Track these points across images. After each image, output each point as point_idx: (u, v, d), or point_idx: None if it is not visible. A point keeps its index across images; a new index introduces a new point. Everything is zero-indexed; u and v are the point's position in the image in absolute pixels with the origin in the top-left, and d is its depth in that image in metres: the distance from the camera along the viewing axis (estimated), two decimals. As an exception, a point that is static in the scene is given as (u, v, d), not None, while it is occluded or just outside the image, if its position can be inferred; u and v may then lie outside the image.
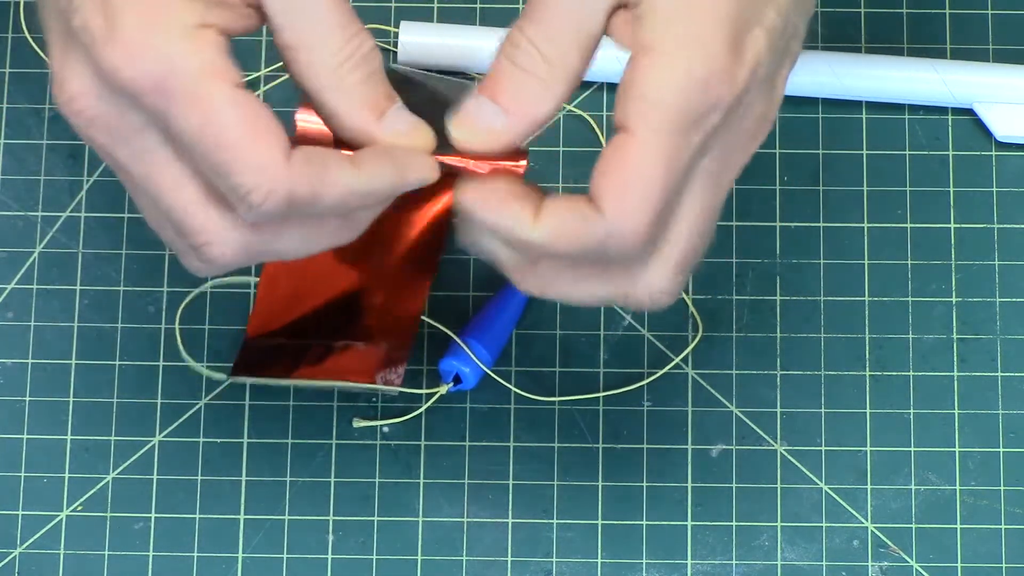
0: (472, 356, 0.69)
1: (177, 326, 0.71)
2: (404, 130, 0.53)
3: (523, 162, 0.54)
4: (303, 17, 0.52)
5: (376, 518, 0.70)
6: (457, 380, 0.69)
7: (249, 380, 0.68)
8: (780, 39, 0.53)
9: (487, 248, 0.55)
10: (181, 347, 0.71)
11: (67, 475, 0.70)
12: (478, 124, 0.53)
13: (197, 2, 0.50)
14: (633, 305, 0.55)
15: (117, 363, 0.71)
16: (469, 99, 0.53)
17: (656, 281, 0.54)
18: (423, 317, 0.71)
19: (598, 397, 0.71)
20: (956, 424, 0.70)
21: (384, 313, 0.68)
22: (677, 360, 0.71)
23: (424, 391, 0.70)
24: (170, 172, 0.52)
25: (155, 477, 0.70)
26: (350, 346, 0.68)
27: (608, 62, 0.54)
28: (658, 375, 0.71)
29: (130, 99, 0.51)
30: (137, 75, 0.50)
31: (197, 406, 0.71)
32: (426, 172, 0.53)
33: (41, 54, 0.73)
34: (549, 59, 0.52)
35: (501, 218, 0.53)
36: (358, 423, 0.70)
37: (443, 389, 0.69)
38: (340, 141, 0.54)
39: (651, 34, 0.51)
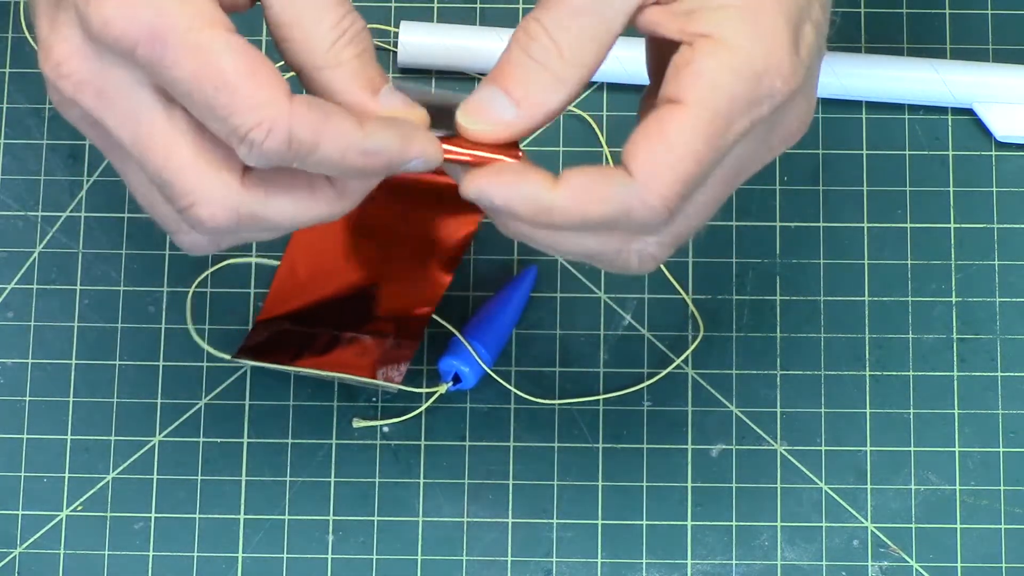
0: (474, 355, 0.68)
1: (190, 299, 0.71)
2: (399, 106, 0.53)
3: (519, 154, 0.54)
4: None
5: (376, 518, 0.70)
6: (456, 379, 0.69)
7: (252, 363, 0.68)
8: (822, 35, 0.53)
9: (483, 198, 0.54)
10: (189, 319, 0.71)
11: (67, 475, 0.70)
12: (489, 114, 0.52)
13: None
14: (619, 264, 0.54)
15: (117, 363, 0.71)
16: (480, 89, 0.53)
17: (650, 247, 0.54)
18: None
19: (598, 399, 0.71)
20: (956, 424, 0.70)
21: (396, 310, 0.68)
22: (678, 361, 0.71)
23: (424, 390, 0.70)
24: (160, 132, 0.52)
25: (155, 477, 0.70)
26: (357, 339, 0.68)
27: (608, 62, 0.54)
28: (659, 377, 0.71)
29: (121, 55, 0.50)
30: (129, 26, 0.49)
31: (197, 406, 0.71)
32: (430, 150, 0.52)
33: (41, 54, 0.73)
34: (564, 53, 0.51)
35: (517, 190, 0.51)
36: (358, 423, 0.70)
37: (442, 388, 0.69)
38: None
39: (709, 25, 0.50)
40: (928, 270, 0.72)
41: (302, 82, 0.53)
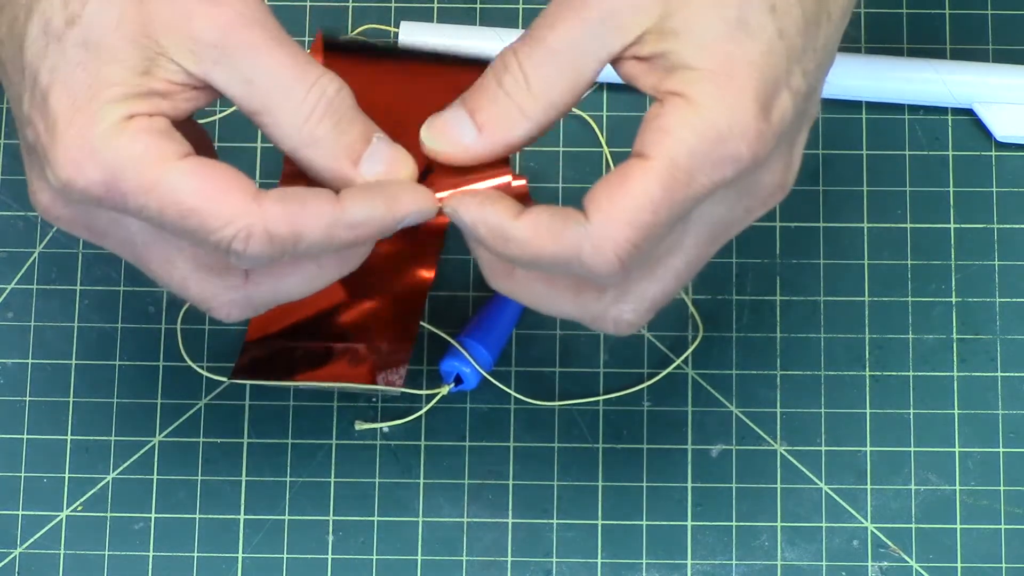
0: (472, 361, 0.68)
1: (179, 327, 0.71)
2: (383, 170, 0.53)
3: (522, 181, 0.55)
4: (256, 83, 0.52)
5: (376, 518, 0.70)
6: (458, 380, 0.69)
7: (250, 382, 0.68)
8: (804, 102, 0.53)
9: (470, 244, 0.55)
10: (182, 348, 0.71)
11: (67, 475, 0.70)
12: (449, 135, 0.53)
13: (120, 100, 0.51)
14: (597, 328, 0.56)
15: (117, 363, 0.71)
16: (449, 108, 0.53)
17: (626, 313, 0.55)
18: (422, 323, 0.71)
19: (598, 400, 0.71)
20: (956, 424, 0.70)
21: (383, 314, 0.68)
22: (678, 361, 0.71)
23: (425, 392, 0.70)
24: (156, 253, 0.54)
25: (155, 477, 0.70)
26: (350, 348, 0.68)
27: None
28: (659, 377, 0.71)
29: (93, 202, 0.52)
30: (87, 184, 0.51)
31: (197, 406, 0.71)
32: (422, 203, 0.53)
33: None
34: (533, 89, 0.52)
35: (483, 213, 0.52)
36: (360, 426, 0.70)
37: (444, 390, 0.69)
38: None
39: (681, 84, 0.51)
40: (928, 270, 0.72)
41: (291, 158, 0.53)
